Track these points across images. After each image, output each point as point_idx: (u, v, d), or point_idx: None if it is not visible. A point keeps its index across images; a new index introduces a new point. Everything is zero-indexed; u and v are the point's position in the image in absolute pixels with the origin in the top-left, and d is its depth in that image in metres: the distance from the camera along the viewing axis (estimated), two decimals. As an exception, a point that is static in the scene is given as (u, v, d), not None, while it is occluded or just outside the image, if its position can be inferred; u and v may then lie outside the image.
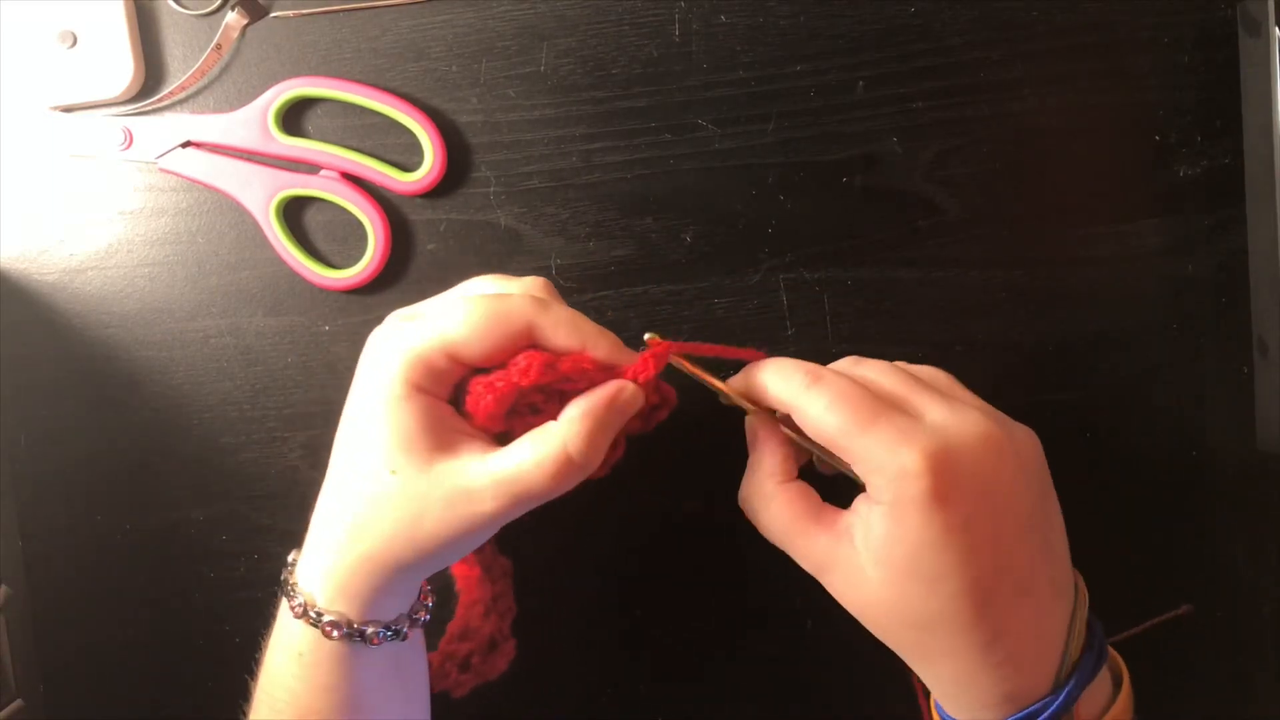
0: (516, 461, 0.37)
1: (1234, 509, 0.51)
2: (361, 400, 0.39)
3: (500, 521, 0.37)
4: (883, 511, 0.36)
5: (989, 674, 0.37)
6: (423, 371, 0.37)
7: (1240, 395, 0.51)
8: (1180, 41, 0.49)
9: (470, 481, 0.37)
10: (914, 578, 0.36)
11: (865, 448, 0.36)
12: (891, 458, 0.36)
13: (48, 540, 0.52)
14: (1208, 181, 0.50)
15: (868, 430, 0.36)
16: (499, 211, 0.50)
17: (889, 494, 0.36)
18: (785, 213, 0.50)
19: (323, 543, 0.39)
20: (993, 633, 0.37)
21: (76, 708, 0.53)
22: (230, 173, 0.50)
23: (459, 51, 0.50)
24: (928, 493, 0.35)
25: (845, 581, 0.38)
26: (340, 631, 0.38)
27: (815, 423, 0.37)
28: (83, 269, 0.51)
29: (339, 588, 0.38)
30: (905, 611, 0.37)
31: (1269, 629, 0.52)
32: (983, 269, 0.50)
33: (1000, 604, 0.37)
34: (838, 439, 0.37)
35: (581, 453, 0.37)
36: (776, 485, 0.40)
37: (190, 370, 0.52)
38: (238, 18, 0.49)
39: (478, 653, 0.46)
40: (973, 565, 0.36)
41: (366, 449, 0.38)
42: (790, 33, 0.49)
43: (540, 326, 0.38)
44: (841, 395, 0.37)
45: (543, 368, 0.37)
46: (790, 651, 0.52)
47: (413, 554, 0.37)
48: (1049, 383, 0.51)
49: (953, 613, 0.36)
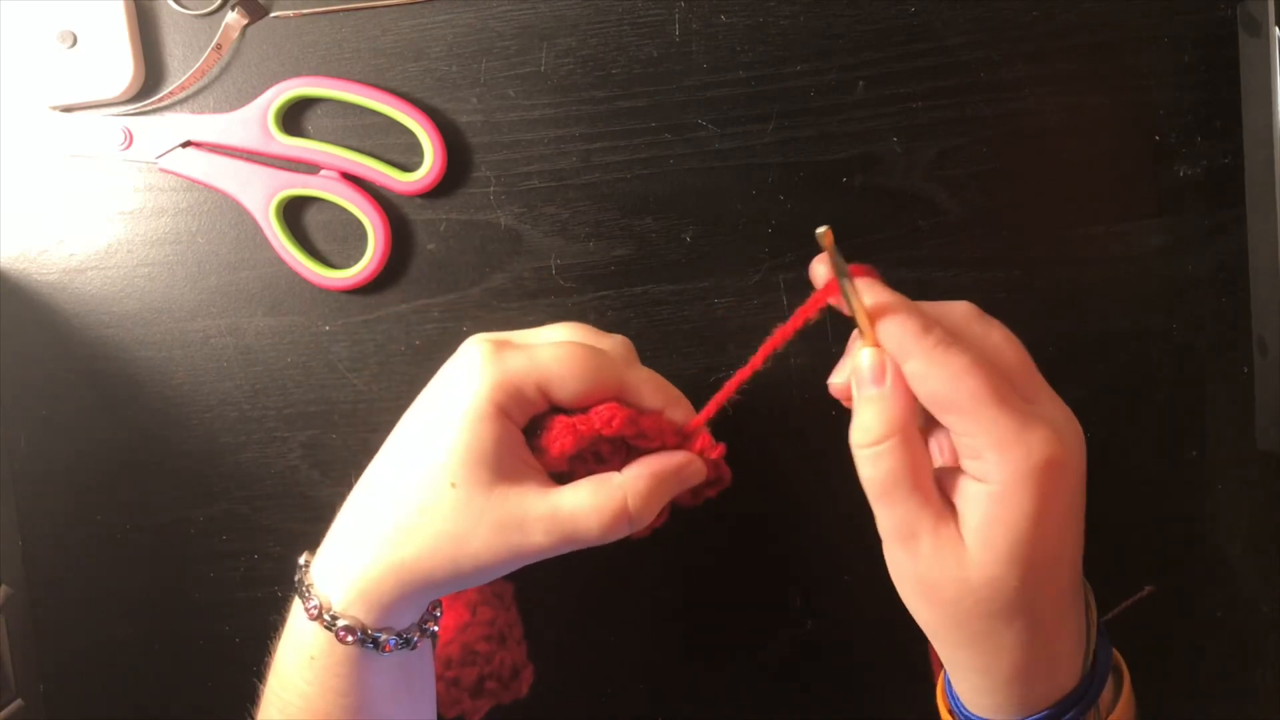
0: (574, 503, 0.38)
1: (1234, 509, 0.51)
2: (438, 409, 0.39)
3: (545, 555, 0.38)
4: (991, 493, 0.35)
5: (1040, 668, 0.37)
6: (513, 397, 0.38)
7: (1240, 395, 0.51)
8: (1180, 41, 0.49)
9: (527, 512, 0.38)
10: (1011, 565, 0.35)
11: (992, 423, 0.34)
12: (1018, 439, 0.34)
13: (48, 540, 0.52)
14: (1208, 181, 0.50)
15: (997, 404, 0.35)
16: (499, 211, 0.50)
17: (1001, 475, 0.35)
18: (785, 213, 0.50)
19: (352, 542, 0.39)
20: (1057, 626, 0.37)
21: (76, 708, 0.53)
22: (230, 173, 0.50)
23: (459, 51, 0.50)
24: (1041, 483, 0.34)
25: (937, 556, 0.36)
26: (353, 637, 0.38)
27: (947, 383, 0.35)
28: (83, 269, 0.52)
29: (361, 593, 0.38)
30: (993, 597, 0.36)
31: (1269, 629, 0.52)
32: (983, 269, 0.50)
33: (1067, 599, 0.37)
34: (968, 404, 0.35)
35: (639, 509, 0.38)
36: (913, 433, 0.37)
37: (190, 370, 0.52)
38: (238, 18, 0.49)
39: (493, 678, 0.46)
40: (1063, 563, 0.36)
41: (431, 457, 0.38)
42: (790, 33, 0.49)
43: (630, 384, 0.40)
44: (979, 364, 0.35)
45: (625, 420, 0.39)
46: (790, 651, 0.52)
47: (448, 571, 0.38)
48: (1049, 383, 0.50)
49: (1034, 605, 0.36)
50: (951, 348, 0.35)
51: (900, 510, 0.36)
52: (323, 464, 0.52)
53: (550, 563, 0.50)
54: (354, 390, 0.51)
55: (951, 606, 0.37)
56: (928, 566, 0.36)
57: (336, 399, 0.51)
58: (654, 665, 0.52)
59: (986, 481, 0.35)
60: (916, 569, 0.37)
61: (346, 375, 0.51)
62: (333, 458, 0.51)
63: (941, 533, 0.36)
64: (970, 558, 0.36)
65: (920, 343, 0.36)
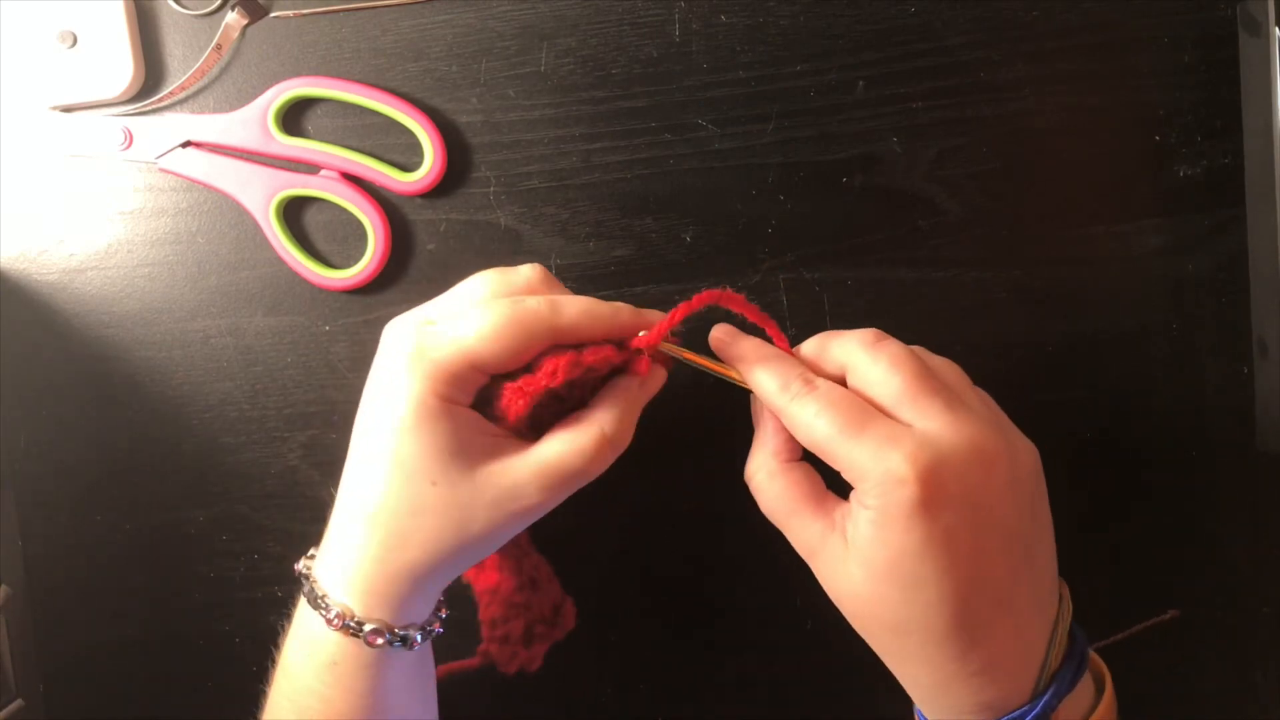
0: (557, 452, 0.39)
1: (1234, 509, 0.51)
2: (387, 413, 0.39)
3: (544, 510, 0.39)
4: (868, 516, 0.36)
5: (964, 683, 0.37)
6: (449, 383, 0.38)
7: (1240, 395, 0.51)
8: (1180, 41, 0.49)
9: (514, 479, 0.38)
10: (892, 583, 0.36)
11: (850, 454, 0.36)
12: (876, 465, 0.36)
13: (48, 540, 0.52)
14: (1208, 181, 0.50)
15: (854, 437, 0.36)
16: (499, 211, 0.50)
17: (874, 500, 0.36)
18: (785, 213, 0.50)
19: (358, 552, 0.39)
20: (969, 642, 0.37)
21: (76, 708, 0.53)
22: (230, 173, 0.50)
23: (459, 51, 0.50)
24: (912, 502, 0.35)
25: (830, 572, 0.38)
26: (383, 639, 0.38)
27: (804, 430, 0.38)
28: (83, 269, 0.51)
29: (379, 596, 0.38)
30: (882, 614, 0.37)
31: (1269, 629, 0.52)
32: (983, 269, 0.50)
33: (978, 615, 0.37)
34: (824, 446, 0.37)
35: (617, 433, 0.39)
36: (780, 464, 0.40)
37: (190, 370, 0.52)
38: (238, 18, 0.49)
39: (540, 621, 0.47)
40: (951, 576, 0.36)
41: (404, 462, 0.38)
42: (790, 33, 0.49)
43: (558, 328, 0.39)
44: (830, 403, 0.38)
45: (569, 367, 0.39)
46: (790, 651, 0.52)
47: (457, 556, 0.39)
48: (1049, 383, 0.51)
49: (928, 621, 0.36)
50: (801, 397, 0.38)
51: (799, 529, 0.39)
52: (323, 464, 0.52)
53: (553, 562, 0.50)
54: (354, 390, 0.51)
55: (858, 622, 0.39)
56: (828, 582, 0.39)
57: (336, 399, 0.51)
58: (654, 665, 0.52)
59: (863, 505, 0.37)
60: (828, 585, 0.39)
61: (346, 375, 0.51)
62: (333, 458, 0.51)
63: (829, 549, 0.38)
64: (857, 576, 0.37)
65: (778, 400, 0.39)
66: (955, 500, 0.36)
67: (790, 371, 0.39)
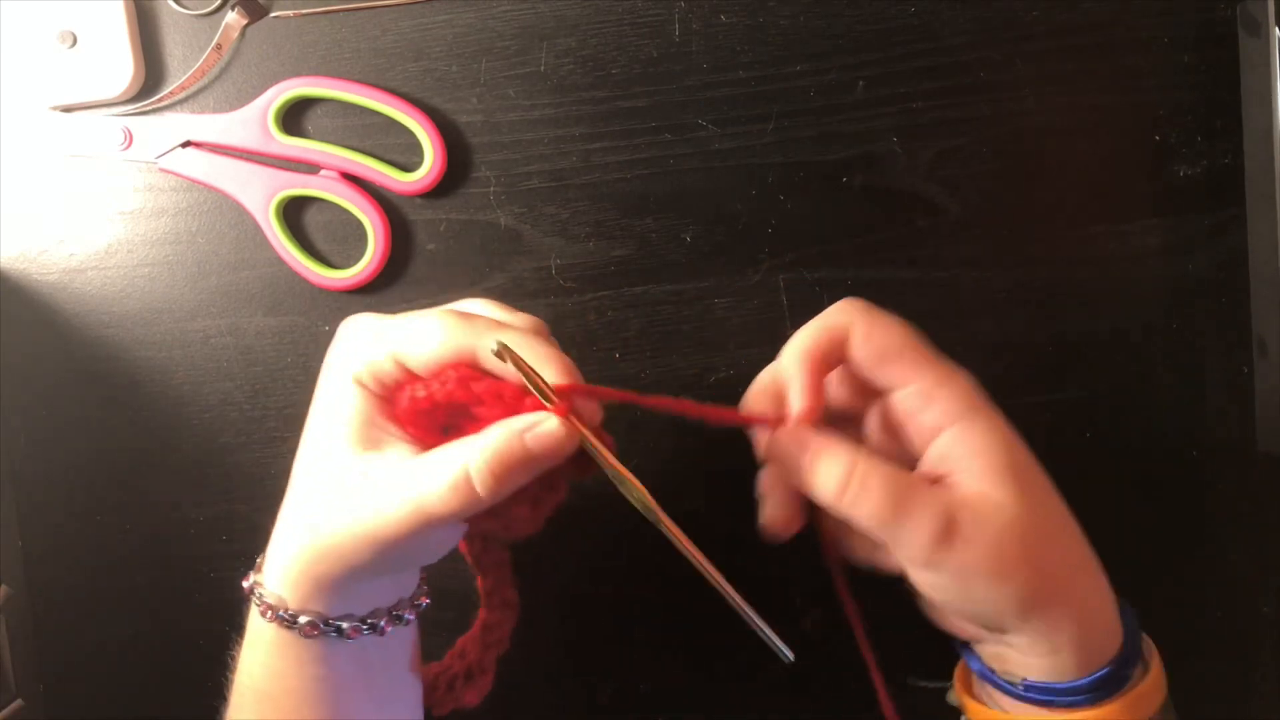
0: (421, 474, 0.35)
1: (1234, 509, 0.51)
2: (318, 386, 0.39)
3: (407, 534, 0.35)
4: (962, 430, 0.37)
5: (1098, 614, 0.38)
6: (367, 367, 0.37)
7: (1240, 395, 0.51)
8: (1180, 41, 0.49)
9: (389, 478, 0.36)
10: (1034, 480, 0.37)
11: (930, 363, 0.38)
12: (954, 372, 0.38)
13: (48, 540, 0.52)
14: (1208, 181, 0.50)
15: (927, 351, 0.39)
16: (499, 211, 0.50)
17: (961, 404, 0.37)
18: (785, 213, 0.50)
19: (278, 528, 0.39)
20: (1082, 542, 0.38)
21: (76, 708, 0.53)
22: (230, 173, 0.50)
23: (459, 51, 0.50)
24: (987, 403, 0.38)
25: (980, 521, 0.35)
26: (272, 614, 0.37)
27: (884, 335, 0.39)
28: (83, 269, 0.51)
29: (278, 570, 0.38)
30: (1043, 521, 0.37)
31: (1269, 629, 0.52)
32: (983, 269, 0.50)
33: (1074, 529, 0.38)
34: (908, 349, 0.39)
35: (483, 478, 0.35)
36: (866, 451, 0.36)
37: (190, 370, 0.52)
38: (238, 18, 0.49)
39: (460, 676, 0.45)
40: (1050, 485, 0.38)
41: (310, 437, 0.39)
42: (790, 33, 0.49)
43: (480, 350, 0.36)
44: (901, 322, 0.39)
45: (458, 382, 0.36)
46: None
47: (349, 543, 0.36)
48: (1049, 383, 0.51)
49: (1067, 520, 0.38)
50: (873, 307, 0.39)
51: (920, 515, 0.35)
52: (323, 464, 0.51)
53: (552, 562, 0.50)
54: (354, 390, 0.51)
55: (1020, 562, 0.35)
56: (981, 539, 0.35)
57: (336, 399, 0.51)
58: (654, 665, 0.52)
59: (950, 422, 0.37)
60: (975, 553, 0.35)
61: (346, 375, 0.51)
62: (333, 458, 0.51)
63: (966, 501, 0.35)
64: (999, 496, 0.36)
65: (850, 316, 0.39)
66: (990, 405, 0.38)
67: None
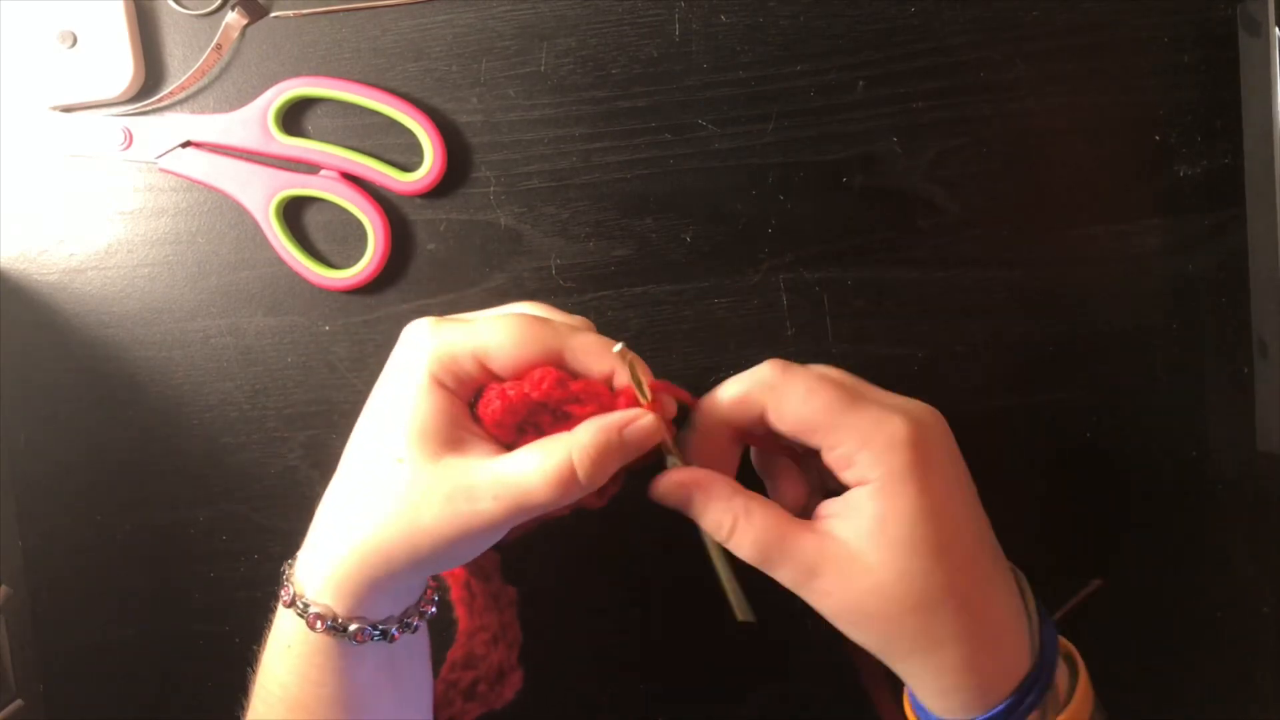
0: (521, 467, 0.36)
1: (1234, 509, 0.51)
2: (383, 389, 0.39)
3: (499, 525, 0.37)
4: (872, 490, 0.36)
5: (988, 652, 0.37)
6: (448, 368, 0.38)
7: (1240, 395, 0.51)
8: (1180, 41, 0.49)
9: (473, 480, 0.36)
10: (915, 551, 0.36)
11: (852, 424, 0.37)
12: (878, 429, 0.36)
13: (48, 540, 0.52)
14: (1208, 181, 0.50)
15: (851, 409, 0.37)
16: (499, 211, 0.50)
17: (879, 469, 0.36)
18: (785, 213, 0.50)
19: (321, 530, 0.39)
20: (985, 603, 0.37)
21: (76, 708, 0.53)
22: (230, 173, 0.50)
23: (459, 51, 0.50)
24: (916, 461, 0.36)
25: (841, 578, 0.37)
26: (324, 625, 0.37)
27: (796, 409, 0.38)
28: (83, 269, 0.51)
29: (329, 579, 0.38)
30: (910, 591, 0.36)
31: (1269, 629, 0.52)
32: (983, 269, 0.50)
33: (985, 571, 0.37)
34: (822, 419, 0.37)
35: (585, 467, 0.36)
36: (745, 500, 0.38)
37: (190, 370, 0.52)
38: (238, 18, 0.49)
39: (484, 681, 0.46)
40: (965, 533, 0.37)
41: (377, 436, 0.38)
42: (790, 33, 0.49)
43: (571, 349, 0.38)
44: (817, 381, 0.38)
45: (555, 382, 0.38)
46: (789, 652, 0.52)
47: (407, 548, 0.37)
48: (1049, 383, 0.51)
49: (954, 585, 0.36)
50: (789, 374, 0.38)
51: (788, 560, 0.37)
52: (323, 464, 0.52)
53: (553, 562, 0.50)
54: (354, 390, 0.51)
55: (880, 619, 0.37)
56: (840, 592, 0.37)
57: (336, 399, 0.51)
58: (654, 665, 0.52)
59: (866, 480, 0.37)
60: (835, 602, 0.37)
61: (346, 375, 0.51)
62: (333, 458, 0.51)
63: (833, 555, 0.37)
64: (873, 561, 0.36)
65: (759, 388, 0.39)
66: (944, 461, 0.37)
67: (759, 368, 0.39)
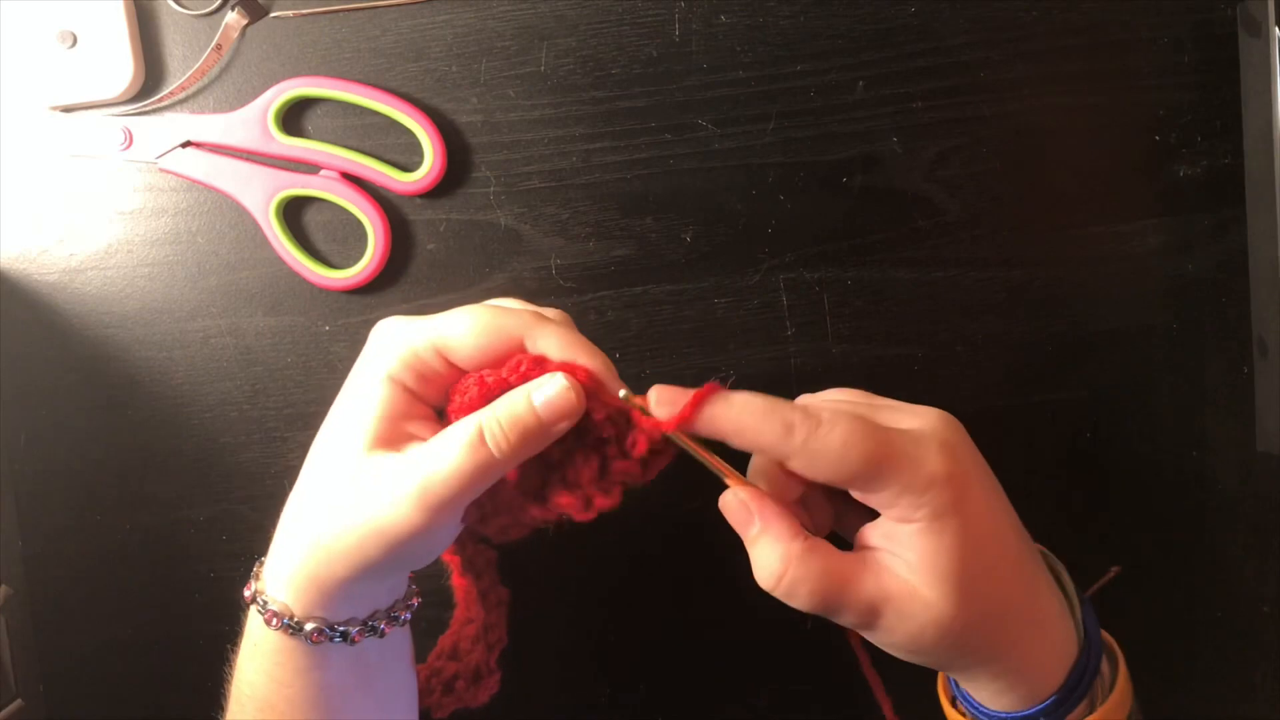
0: (432, 449, 0.36)
1: (1234, 509, 0.51)
2: (344, 389, 0.39)
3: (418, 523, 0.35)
4: (919, 529, 0.35)
5: (1042, 647, 0.37)
6: (410, 365, 0.37)
7: (1240, 395, 0.51)
8: (1180, 41, 0.49)
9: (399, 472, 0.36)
10: (970, 580, 0.36)
11: (893, 475, 0.35)
12: (916, 472, 0.35)
13: (48, 540, 0.52)
14: (1208, 181, 0.50)
15: (891, 458, 0.35)
16: (499, 211, 0.50)
17: (922, 510, 0.35)
18: (785, 213, 0.50)
19: (281, 526, 0.39)
20: (1035, 598, 0.37)
21: (76, 708, 0.53)
22: (230, 173, 0.50)
23: (459, 51, 0.50)
24: (955, 496, 0.35)
25: (902, 616, 0.36)
26: (279, 623, 0.37)
27: (833, 467, 0.35)
28: (83, 269, 0.51)
29: (288, 577, 0.38)
30: (971, 617, 0.36)
31: (1269, 629, 0.52)
32: (983, 269, 0.50)
33: (1030, 570, 0.38)
34: (861, 476, 0.35)
35: (496, 436, 0.35)
36: (804, 545, 0.36)
37: (190, 370, 0.52)
38: (238, 18, 0.49)
39: (463, 678, 0.46)
40: (1008, 543, 0.37)
41: (326, 435, 0.38)
42: (790, 33, 0.49)
43: (533, 338, 0.37)
44: (854, 430, 0.35)
45: (533, 364, 0.37)
46: (790, 652, 0.52)
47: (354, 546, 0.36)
48: (1049, 383, 0.51)
49: (1009, 596, 0.37)
50: (819, 431, 0.35)
51: (848, 610, 0.36)
52: (323, 464, 0.51)
53: (554, 562, 0.50)
54: (354, 390, 0.51)
55: (944, 645, 0.36)
56: (902, 632, 0.36)
57: (336, 399, 0.51)
58: (654, 665, 0.52)
59: (909, 521, 0.36)
60: (897, 638, 0.36)
61: (346, 375, 0.51)
62: (333, 458, 0.51)
63: (892, 595, 0.36)
64: (930, 597, 0.36)
65: (790, 444, 0.35)
66: (975, 475, 0.37)
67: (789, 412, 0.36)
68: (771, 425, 0.36)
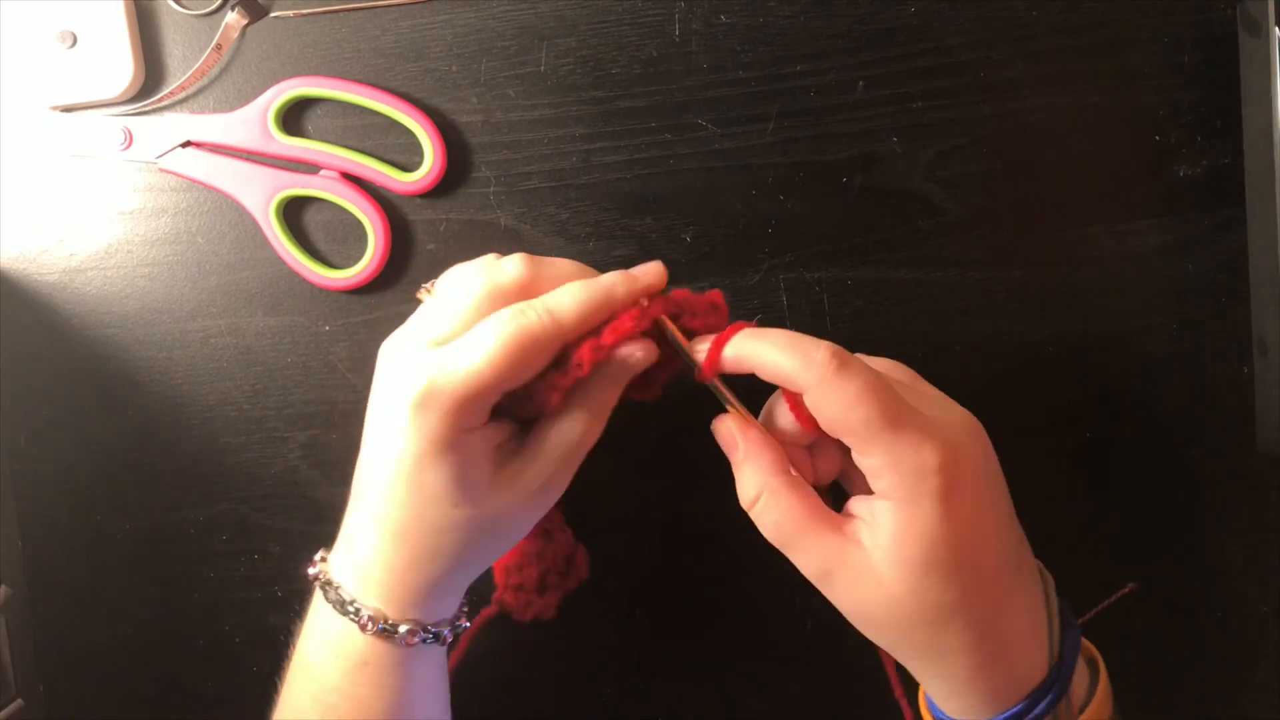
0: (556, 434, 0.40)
1: (1234, 509, 0.51)
2: (403, 445, 0.38)
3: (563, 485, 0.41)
4: (893, 506, 0.36)
5: (999, 662, 0.37)
6: (466, 415, 0.38)
7: (1240, 395, 0.51)
8: (1180, 41, 0.49)
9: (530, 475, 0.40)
10: (929, 572, 0.36)
11: (885, 446, 0.36)
12: (911, 455, 0.35)
13: (48, 540, 0.52)
14: (1208, 181, 0.50)
15: (888, 429, 0.35)
16: (499, 211, 0.50)
17: (903, 490, 0.36)
18: (785, 213, 0.50)
19: (382, 563, 0.40)
20: (999, 616, 0.37)
21: (76, 708, 0.53)
22: (230, 173, 0.50)
23: (459, 51, 0.50)
24: (942, 488, 0.35)
25: (855, 583, 0.37)
26: (418, 638, 0.40)
27: (839, 413, 0.36)
28: (83, 269, 0.51)
29: (411, 601, 0.40)
30: (920, 607, 0.36)
31: (1268, 629, 0.52)
32: (983, 269, 0.50)
33: (1004, 587, 0.37)
34: (859, 431, 0.36)
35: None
36: (781, 481, 0.38)
37: (190, 370, 0.52)
38: (238, 18, 0.49)
39: (551, 572, 0.48)
40: (985, 554, 0.37)
41: (422, 489, 0.38)
42: (790, 33, 0.49)
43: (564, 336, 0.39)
44: (871, 387, 0.36)
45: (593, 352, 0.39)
46: (790, 652, 0.52)
47: (489, 556, 0.42)
48: (1049, 383, 0.51)
49: (967, 604, 0.36)
50: (842, 374, 0.36)
51: (805, 554, 0.37)
52: (323, 464, 0.52)
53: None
54: (354, 390, 0.51)
55: (888, 626, 0.37)
56: (852, 596, 0.37)
57: (336, 399, 0.51)
58: (654, 665, 0.52)
59: (889, 498, 0.36)
60: (845, 601, 0.38)
61: (346, 375, 0.51)
62: (333, 458, 0.51)
63: (850, 561, 0.37)
64: (887, 575, 0.36)
65: (809, 375, 0.36)
66: (973, 480, 0.37)
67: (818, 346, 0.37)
68: (797, 353, 0.37)
